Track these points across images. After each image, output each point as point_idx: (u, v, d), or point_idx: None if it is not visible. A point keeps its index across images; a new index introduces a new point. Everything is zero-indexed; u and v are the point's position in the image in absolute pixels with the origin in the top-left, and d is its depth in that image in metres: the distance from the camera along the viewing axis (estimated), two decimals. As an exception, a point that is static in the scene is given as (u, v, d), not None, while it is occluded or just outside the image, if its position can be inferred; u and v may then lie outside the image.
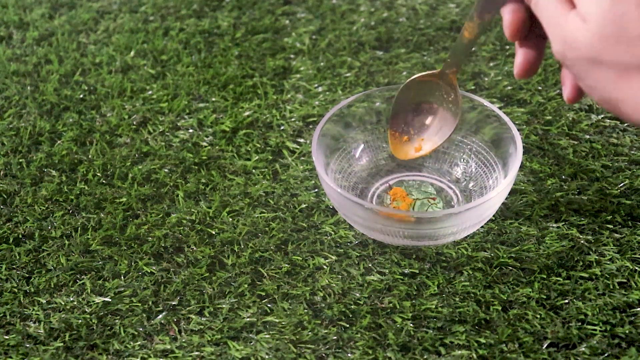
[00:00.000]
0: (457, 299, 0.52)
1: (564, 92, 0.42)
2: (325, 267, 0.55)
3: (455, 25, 0.79)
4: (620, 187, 0.59)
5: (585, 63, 0.36)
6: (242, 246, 0.57)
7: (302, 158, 0.65)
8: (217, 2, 0.85)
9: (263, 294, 0.54)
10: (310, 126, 0.68)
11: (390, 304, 0.52)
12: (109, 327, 0.52)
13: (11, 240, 0.59)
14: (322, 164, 0.55)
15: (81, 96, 0.73)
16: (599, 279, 0.53)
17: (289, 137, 0.67)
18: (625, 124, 0.66)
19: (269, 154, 0.65)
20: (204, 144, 0.67)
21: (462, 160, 0.60)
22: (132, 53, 0.78)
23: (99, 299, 0.54)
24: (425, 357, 0.49)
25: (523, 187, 0.60)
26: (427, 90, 0.54)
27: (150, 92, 0.73)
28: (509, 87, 0.70)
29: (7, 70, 0.77)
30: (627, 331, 0.50)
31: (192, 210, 0.60)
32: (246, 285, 0.54)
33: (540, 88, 0.70)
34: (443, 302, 0.52)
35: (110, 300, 0.54)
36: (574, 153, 0.63)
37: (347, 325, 0.51)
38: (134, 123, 0.69)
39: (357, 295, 0.53)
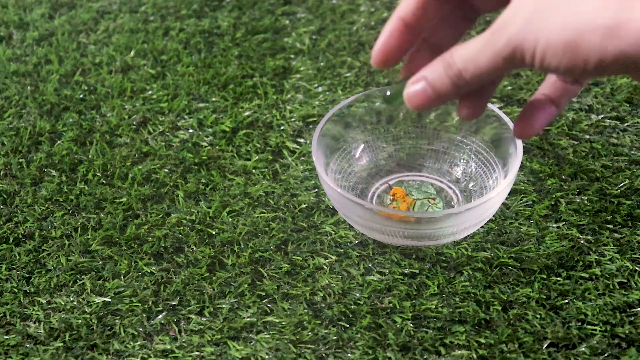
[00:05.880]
0: (457, 299, 0.52)
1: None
2: (325, 267, 0.55)
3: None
4: (620, 187, 0.59)
5: None
6: (242, 246, 0.57)
7: (302, 158, 0.65)
8: (217, 2, 0.85)
9: (263, 294, 0.54)
10: (310, 126, 0.68)
11: (390, 304, 0.52)
12: (109, 327, 0.52)
13: (11, 240, 0.59)
14: (322, 164, 0.55)
15: (81, 96, 0.73)
16: (599, 279, 0.53)
17: (289, 137, 0.67)
18: (626, 124, 0.66)
19: (269, 154, 0.65)
20: (204, 144, 0.67)
21: (462, 160, 0.59)
22: (132, 53, 0.78)
23: (99, 299, 0.54)
24: (425, 357, 0.49)
25: (523, 187, 0.60)
26: None
27: (150, 92, 0.73)
28: (509, 87, 0.70)
29: (7, 70, 0.77)
30: (627, 331, 0.50)
31: (192, 210, 0.60)
32: (246, 285, 0.54)
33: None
34: (443, 302, 0.52)
35: (110, 300, 0.54)
36: (574, 153, 0.63)
37: (347, 325, 0.51)
38: (134, 123, 0.69)
39: (357, 295, 0.53)
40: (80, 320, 0.53)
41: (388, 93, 0.41)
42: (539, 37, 0.32)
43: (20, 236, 0.59)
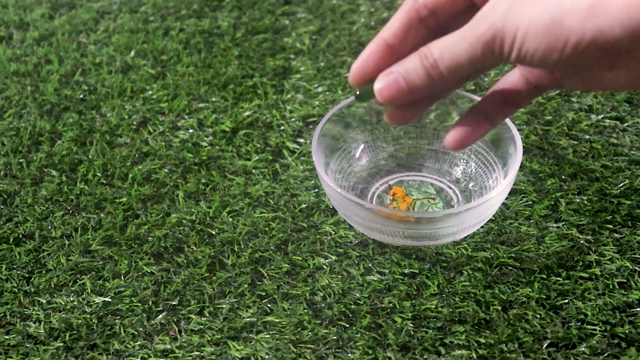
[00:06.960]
0: (457, 299, 0.52)
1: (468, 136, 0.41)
2: (325, 267, 0.55)
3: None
4: (620, 187, 0.59)
5: None
6: (242, 246, 0.57)
7: (302, 158, 0.65)
8: (217, 2, 0.85)
9: (263, 294, 0.54)
10: (310, 126, 0.68)
11: (390, 304, 0.52)
12: (109, 327, 0.52)
13: (11, 240, 0.59)
14: (322, 164, 0.55)
15: (81, 96, 0.73)
16: (599, 279, 0.53)
17: (289, 137, 0.67)
18: (626, 124, 0.66)
19: (269, 154, 0.65)
20: (204, 144, 0.67)
21: (462, 160, 0.60)
22: (132, 53, 0.78)
23: (99, 299, 0.54)
24: (425, 357, 0.49)
25: (523, 187, 0.60)
26: None
27: (150, 92, 0.73)
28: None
29: (7, 70, 0.77)
30: (627, 331, 0.50)
31: (192, 210, 0.60)
32: (246, 285, 0.54)
33: (540, 88, 0.70)
34: (443, 302, 0.52)
35: (110, 300, 0.54)
36: (574, 153, 0.63)
37: (347, 325, 0.51)
38: (134, 123, 0.69)
39: (357, 295, 0.53)
40: (80, 320, 0.53)
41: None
42: (520, 22, 0.32)
43: (20, 236, 0.59)
